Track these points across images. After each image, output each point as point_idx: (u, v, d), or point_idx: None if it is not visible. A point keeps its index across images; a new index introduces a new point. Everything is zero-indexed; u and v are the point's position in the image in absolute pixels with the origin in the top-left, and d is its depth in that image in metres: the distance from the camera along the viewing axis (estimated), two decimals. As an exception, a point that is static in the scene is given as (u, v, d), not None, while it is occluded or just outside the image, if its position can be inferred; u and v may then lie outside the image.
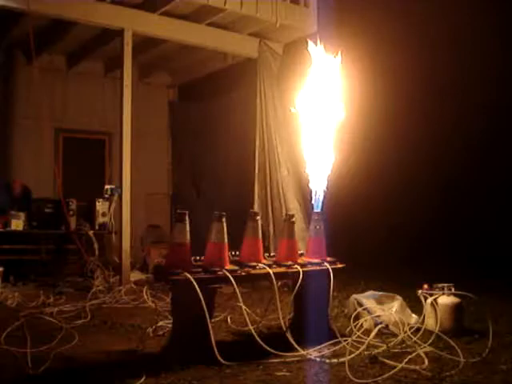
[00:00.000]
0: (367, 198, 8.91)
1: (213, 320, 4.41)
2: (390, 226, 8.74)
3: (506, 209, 8.45)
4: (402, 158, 9.19)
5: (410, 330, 4.68)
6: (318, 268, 4.80)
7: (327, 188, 5.03)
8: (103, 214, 8.32)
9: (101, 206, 8.32)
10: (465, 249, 8.29)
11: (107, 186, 8.37)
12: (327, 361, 4.07)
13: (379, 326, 4.57)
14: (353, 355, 4.08)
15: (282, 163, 8.46)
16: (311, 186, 5.04)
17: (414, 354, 4.12)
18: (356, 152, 7.90)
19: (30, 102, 7.66)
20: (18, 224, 7.86)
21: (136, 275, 8.00)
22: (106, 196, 8.32)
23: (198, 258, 4.27)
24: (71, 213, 8.10)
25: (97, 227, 8.24)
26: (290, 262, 4.65)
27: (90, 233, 8.07)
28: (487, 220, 8.49)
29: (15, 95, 9.32)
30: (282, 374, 3.80)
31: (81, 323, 5.24)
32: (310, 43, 5.01)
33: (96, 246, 7.97)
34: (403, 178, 9.09)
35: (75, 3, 7.40)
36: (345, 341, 4.33)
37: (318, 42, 5.01)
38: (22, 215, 7.99)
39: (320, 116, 4.98)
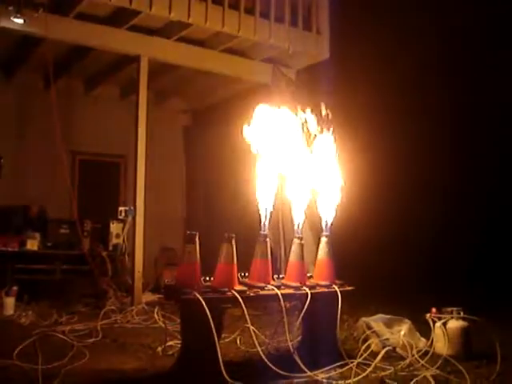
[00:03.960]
0: (379, 221, 8.94)
1: (222, 341, 4.46)
2: (400, 249, 8.75)
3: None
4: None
5: (417, 353, 4.71)
6: (326, 290, 4.84)
7: (336, 211, 5.10)
8: (117, 236, 8.43)
9: (115, 227, 8.44)
10: (473, 272, 8.28)
11: (121, 208, 8.49)
12: (334, 382, 4.10)
13: (386, 349, 4.59)
14: (359, 377, 4.11)
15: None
16: (321, 209, 5.12)
17: (420, 377, 4.14)
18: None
19: (47, 124, 7.83)
20: (33, 244, 7.99)
21: (148, 296, 8.07)
22: (120, 218, 8.44)
23: (207, 278, 4.34)
24: (85, 234, 8.22)
25: (110, 248, 8.35)
26: (298, 284, 4.70)
27: (104, 254, 8.17)
28: (494, 243, 8.51)
29: (32, 118, 9.52)
30: (289, 394, 3.84)
31: (92, 342, 5.31)
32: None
33: (109, 266, 8.07)
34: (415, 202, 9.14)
35: (93, 30, 7.60)
36: (352, 363, 4.36)
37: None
38: (38, 235, 8.13)
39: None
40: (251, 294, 4.32)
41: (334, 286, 4.87)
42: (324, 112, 5.06)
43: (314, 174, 5.03)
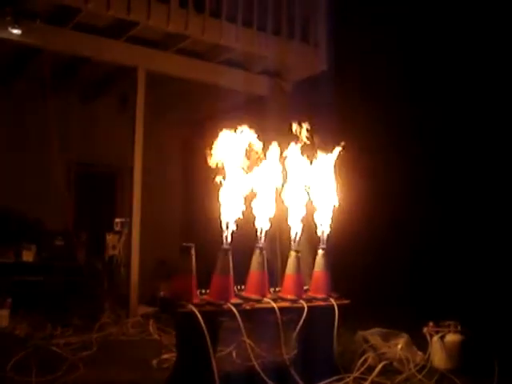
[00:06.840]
0: (376, 236, 8.91)
1: (218, 354, 4.43)
2: (397, 264, 8.72)
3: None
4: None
5: (415, 367, 4.68)
6: (323, 303, 4.82)
7: (332, 223, 5.08)
8: (113, 247, 8.38)
9: (111, 239, 8.39)
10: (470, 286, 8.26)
11: (117, 220, 8.45)
12: (330, 396, 4.07)
13: (383, 363, 4.56)
14: (356, 391, 4.08)
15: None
16: (317, 221, 5.10)
17: (417, 391, 4.11)
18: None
19: (44, 135, 7.81)
20: (28, 255, 7.95)
21: (144, 309, 8.00)
22: (116, 229, 8.40)
23: (203, 290, 4.31)
24: (81, 245, 8.18)
25: (106, 260, 8.30)
26: (294, 297, 4.67)
27: (100, 265, 8.13)
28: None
29: (29, 128, 9.49)
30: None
31: (86, 354, 5.26)
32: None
33: (105, 278, 8.02)
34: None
35: (90, 41, 7.60)
36: (348, 377, 4.33)
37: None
38: (33, 247, 8.09)
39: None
40: (247, 308, 4.30)
41: (330, 299, 4.84)
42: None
43: (311, 186, 5.02)
